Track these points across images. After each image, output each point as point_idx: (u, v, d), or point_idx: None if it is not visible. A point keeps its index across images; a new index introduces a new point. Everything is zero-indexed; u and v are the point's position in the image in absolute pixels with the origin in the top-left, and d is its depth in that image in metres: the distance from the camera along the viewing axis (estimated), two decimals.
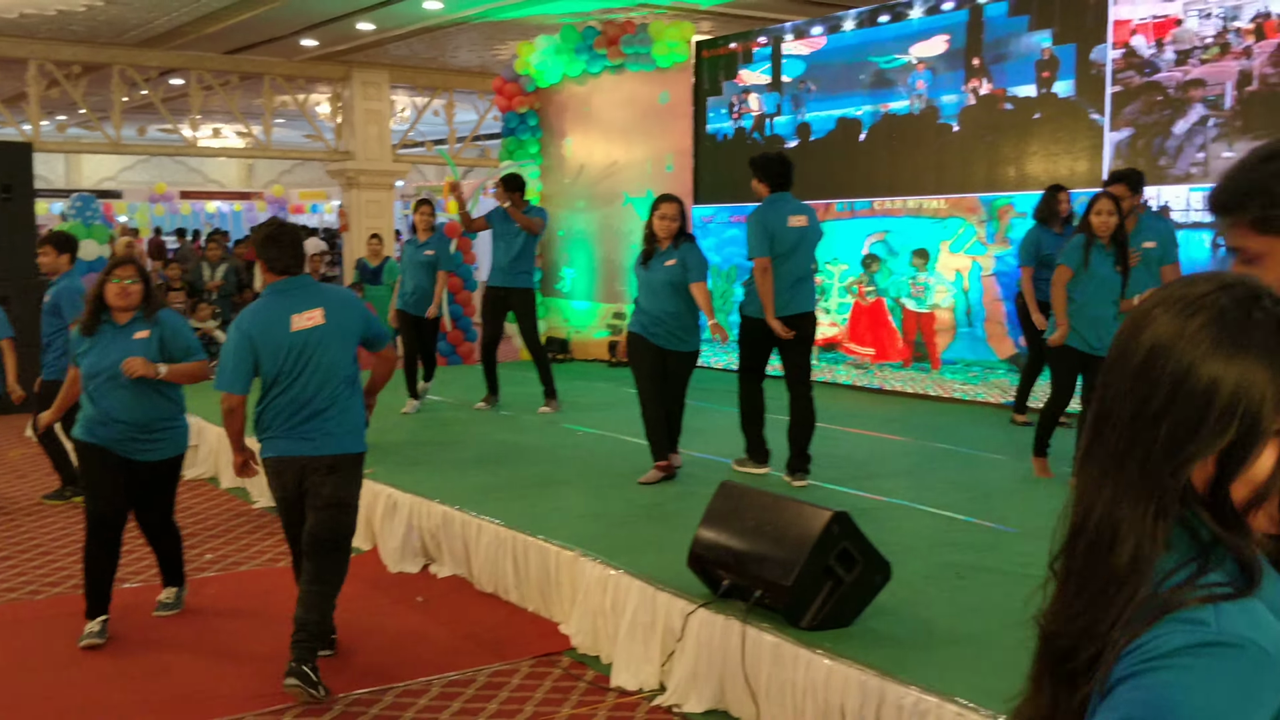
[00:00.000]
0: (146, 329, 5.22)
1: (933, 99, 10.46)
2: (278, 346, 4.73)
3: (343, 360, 4.82)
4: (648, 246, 6.95)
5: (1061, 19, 9.41)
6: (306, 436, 4.76)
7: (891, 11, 10.88)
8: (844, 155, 11.28)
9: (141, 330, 5.22)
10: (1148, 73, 8.80)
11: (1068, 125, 9.39)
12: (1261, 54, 8.15)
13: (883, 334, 10.93)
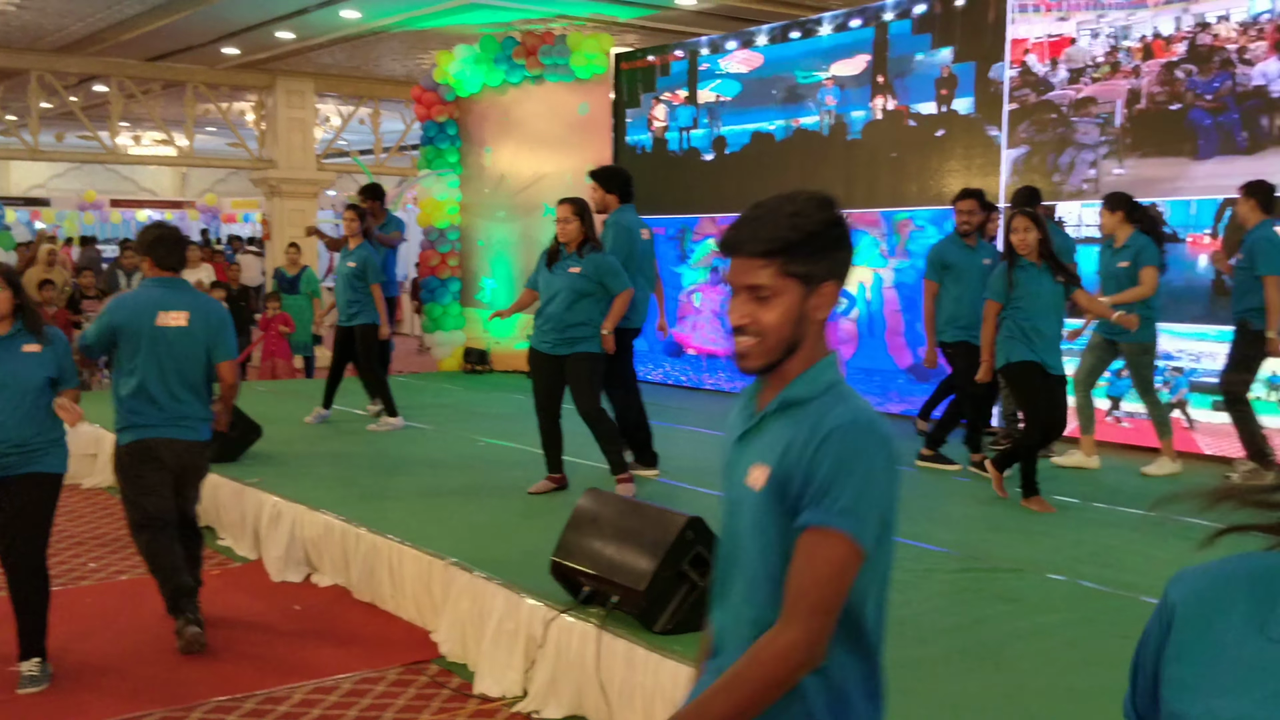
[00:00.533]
0: (37, 344, 4.87)
1: (841, 115, 10.60)
2: (138, 334, 5.08)
3: (192, 363, 5.17)
4: (554, 247, 6.82)
5: (962, 38, 9.57)
6: (170, 423, 5.17)
7: (803, 28, 11.01)
8: (757, 169, 11.39)
9: (31, 344, 4.87)
10: (1042, 91, 8.98)
11: (967, 142, 9.55)
12: (1150, 73, 8.35)
13: None
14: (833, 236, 1.92)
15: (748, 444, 1.97)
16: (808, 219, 1.89)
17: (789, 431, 1.89)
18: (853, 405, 1.90)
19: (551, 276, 6.71)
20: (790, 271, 1.89)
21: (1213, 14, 7.99)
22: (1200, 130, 8.06)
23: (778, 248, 1.88)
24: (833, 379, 1.94)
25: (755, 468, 1.93)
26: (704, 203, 11.90)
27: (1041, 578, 5.14)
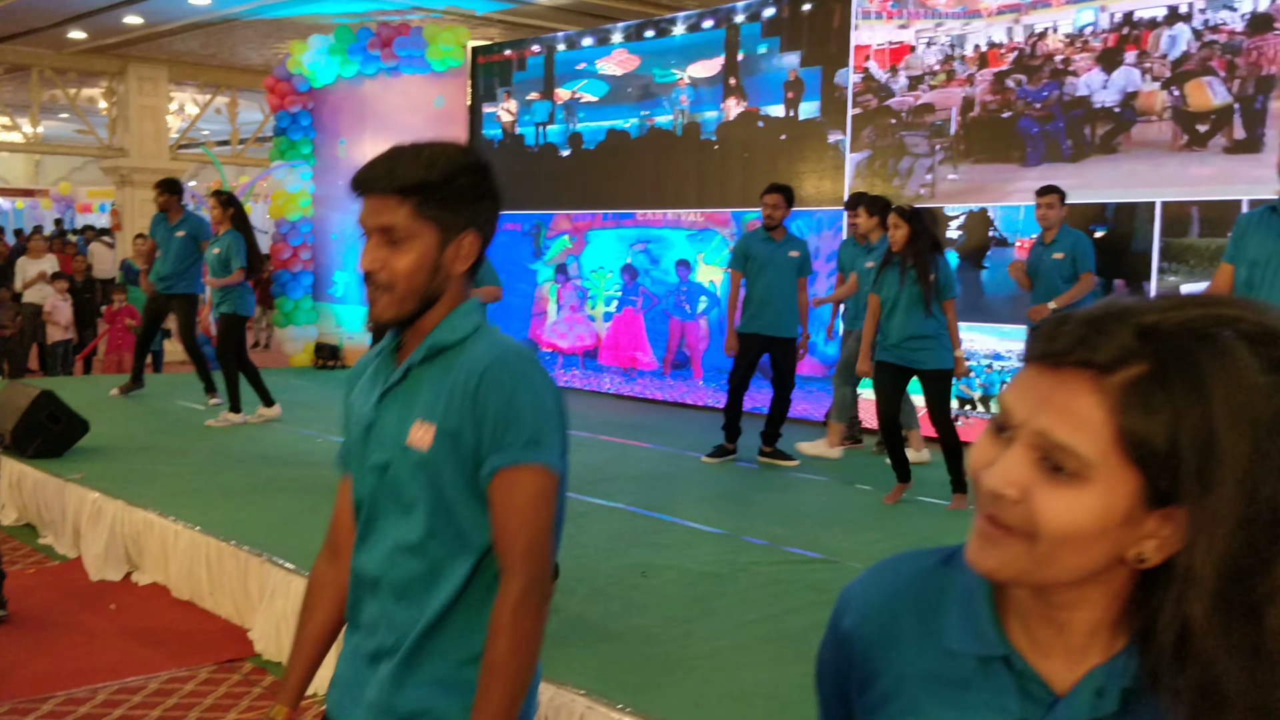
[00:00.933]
0: None
1: (695, 115, 10.70)
2: None
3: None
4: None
5: (809, 42, 9.75)
6: None
7: (657, 27, 11.09)
8: (613, 166, 11.44)
9: None
10: (884, 97, 9.19)
11: (813, 145, 9.73)
12: (983, 82, 8.61)
13: (642, 342, 11.11)
14: (474, 185, 1.84)
15: (395, 402, 1.87)
16: (449, 161, 1.80)
17: (444, 381, 1.82)
18: (500, 341, 1.85)
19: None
20: (426, 214, 1.79)
21: (1042, 25, 8.27)
22: (1029, 138, 8.35)
23: (412, 185, 1.78)
24: (477, 321, 1.87)
25: (418, 426, 1.83)
26: (559, 199, 11.91)
27: (854, 569, 5.26)
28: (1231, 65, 7.38)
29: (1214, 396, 0.90)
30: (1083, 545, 0.95)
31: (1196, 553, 0.91)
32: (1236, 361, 0.91)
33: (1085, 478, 0.93)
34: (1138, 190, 7.77)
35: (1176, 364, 0.91)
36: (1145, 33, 7.75)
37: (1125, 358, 0.92)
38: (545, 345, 12.04)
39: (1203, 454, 0.90)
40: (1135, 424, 0.91)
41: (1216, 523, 0.90)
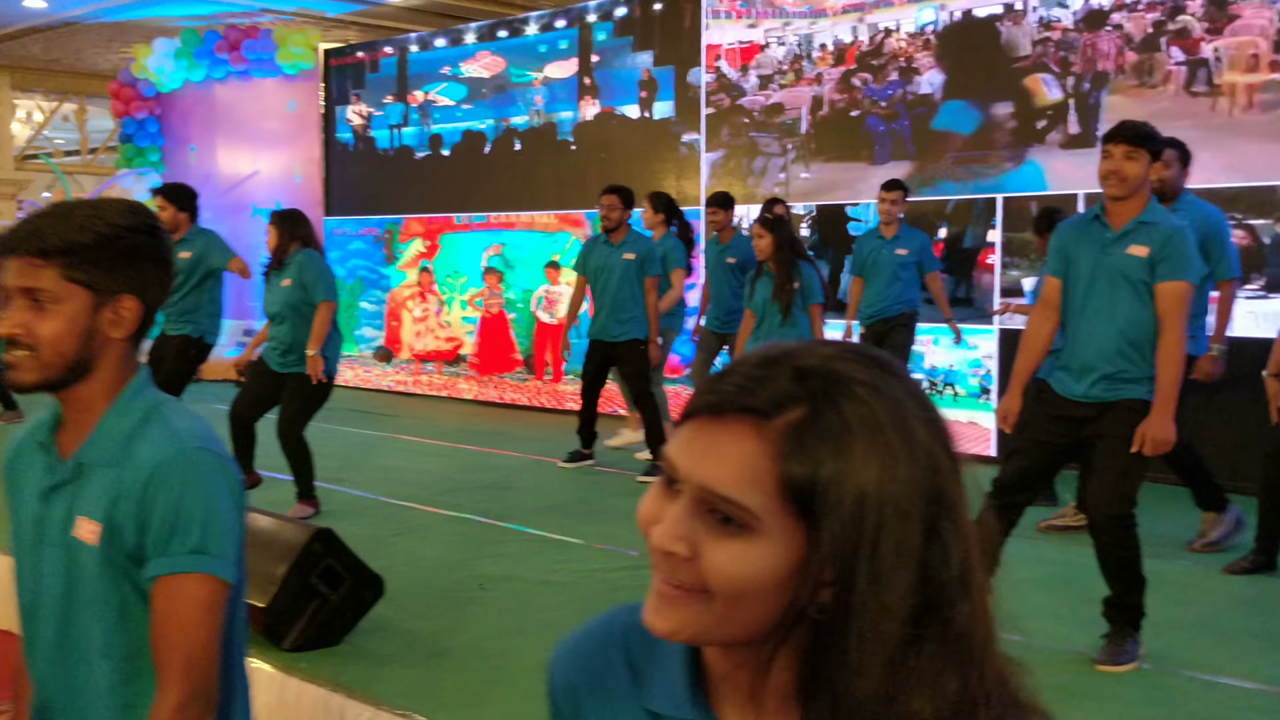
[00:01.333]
0: None
1: (551, 115, 10.58)
2: None
3: None
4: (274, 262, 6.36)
5: (660, 42, 9.70)
6: None
7: (510, 28, 10.95)
8: (469, 169, 11.26)
9: None
10: (736, 96, 9.18)
11: (669, 144, 9.69)
12: (831, 81, 8.65)
13: (504, 346, 10.96)
14: (136, 245, 1.71)
15: (61, 496, 1.73)
16: (103, 222, 1.68)
17: (111, 477, 1.70)
18: (175, 431, 1.72)
19: (268, 292, 6.26)
20: (74, 277, 1.66)
21: (885, 24, 8.34)
22: (876, 136, 8.41)
23: (59, 247, 1.65)
24: (147, 404, 1.75)
25: (83, 522, 1.70)
26: (415, 202, 11.69)
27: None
28: (1065, 61, 7.51)
29: (857, 440, 0.87)
30: (759, 599, 0.89)
31: (854, 599, 0.86)
32: (879, 405, 0.88)
33: (754, 529, 0.88)
34: (978, 186, 7.88)
35: (830, 406, 0.88)
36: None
37: (784, 401, 0.88)
38: (402, 352, 11.80)
39: (853, 498, 0.86)
40: (795, 469, 0.87)
41: (869, 567, 0.86)
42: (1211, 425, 7.05)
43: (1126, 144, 3.95)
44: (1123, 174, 3.95)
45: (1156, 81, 7.15)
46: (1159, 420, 3.90)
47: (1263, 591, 4.96)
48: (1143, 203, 4.02)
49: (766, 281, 6.60)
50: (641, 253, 7.36)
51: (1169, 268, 3.94)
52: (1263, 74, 6.78)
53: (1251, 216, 6.82)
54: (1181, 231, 3.98)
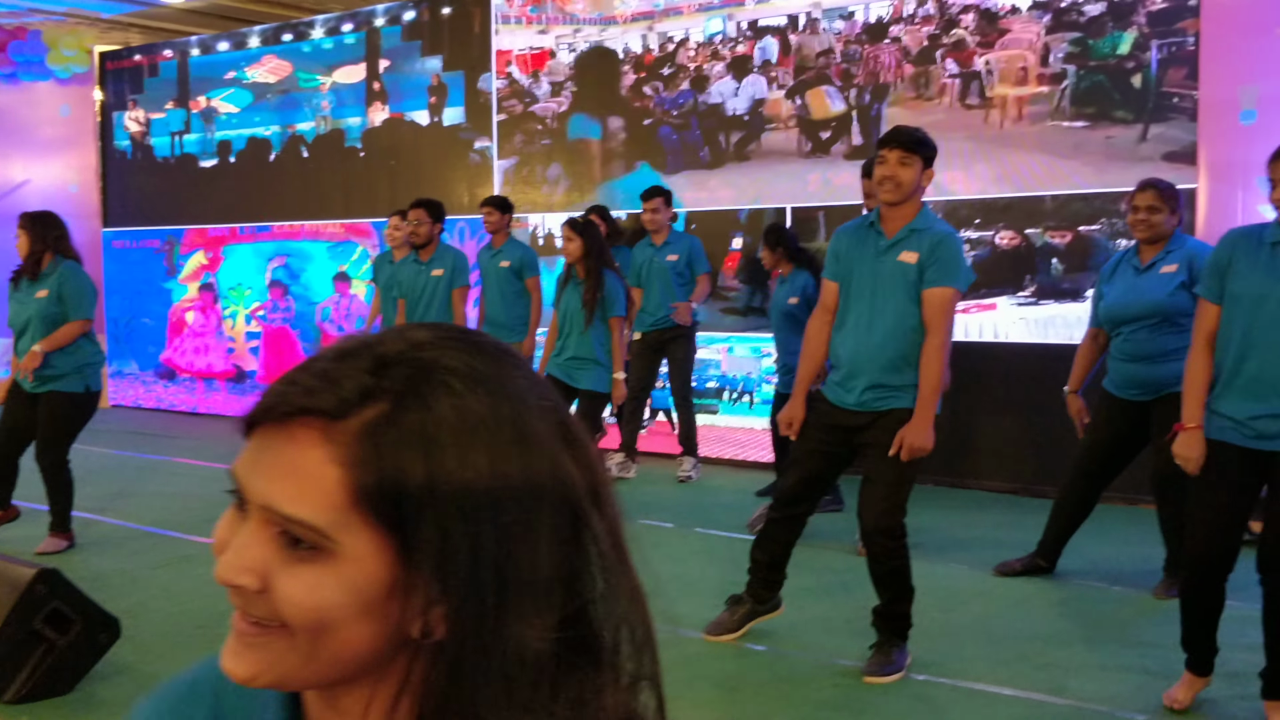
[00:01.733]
0: None
1: (338, 121, 10.23)
2: None
3: None
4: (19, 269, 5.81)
5: (450, 46, 9.48)
6: None
7: (295, 31, 10.55)
8: (255, 177, 10.80)
9: None
10: (529, 103, 9.03)
11: (461, 151, 9.46)
12: (623, 89, 8.57)
13: (290, 361, 10.55)
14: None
15: None
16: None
17: None
18: None
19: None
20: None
21: (675, 33, 8.31)
22: (668, 145, 8.36)
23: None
24: None
25: None
26: (199, 213, 11.16)
27: None
28: (848, 74, 7.61)
29: (453, 438, 0.73)
30: (347, 631, 0.75)
31: (469, 622, 0.73)
32: (481, 397, 0.75)
33: (328, 550, 0.73)
34: (769, 196, 7.91)
35: (416, 401, 0.73)
36: (751, 42, 7.92)
37: (358, 399, 0.73)
38: (187, 371, 11.24)
39: (452, 506, 0.72)
40: (373, 477, 0.72)
41: (482, 583, 0.73)
42: (982, 427, 7.23)
43: (900, 149, 3.94)
44: (897, 179, 3.93)
45: (933, 94, 7.29)
46: (918, 426, 3.89)
47: (1036, 594, 5.05)
48: (915, 209, 4.01)
49: (574, 288, 6.39)
50: (450, 266, 7.15)
51: (936, 273, 3.92)
52: (1031, 87, 6.98)
53: (1022, 226, 7.01)
54: (950, 238, 3.98)
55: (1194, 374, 3.57)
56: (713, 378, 8.13)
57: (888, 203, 3.99)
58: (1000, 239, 7.07)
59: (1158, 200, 4.81)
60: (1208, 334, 3.55)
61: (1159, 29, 6.59)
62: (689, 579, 5.16)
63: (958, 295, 3.99)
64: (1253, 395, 3.41)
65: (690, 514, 6.53)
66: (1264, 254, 3.44)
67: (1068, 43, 6.86)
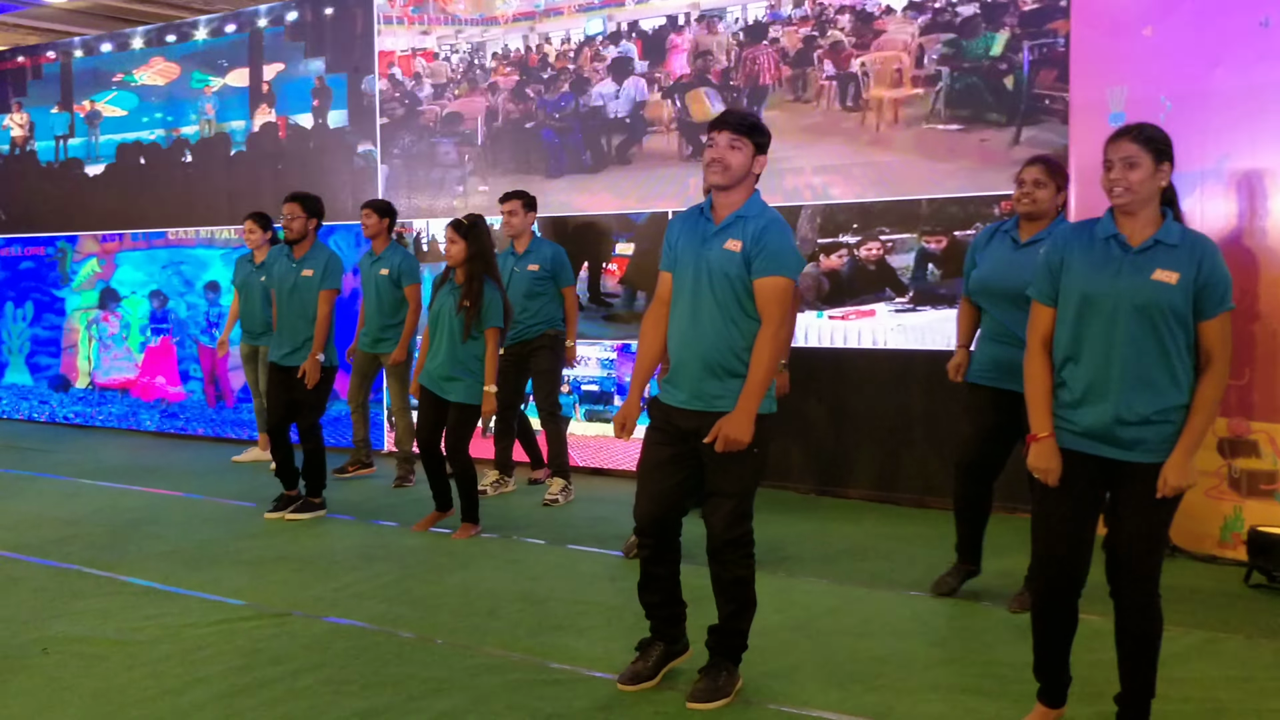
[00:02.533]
0: None
1: (223, 125, 9.94)
2: None
3: None
4: None
5: (333, 47, 9.23)
6: None
7: (178, 32, 10.25)
8: (139, 182, 10.48)
9: None
10: (410, 105, 8.79)
11: (345, 155, 9.21)
12: (505, 91, 8.36)
13: (173, 371, 10.23)
14: None
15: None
16: None
17: None
18: None
19: None
20: None
21: (557, 34, 8.12)
22: (550, 149, 8.17)
23: None
24: None
25: None
26: (85, 219, 10.81)
27: (308, 623, 4.76)
28: (726, 75, 7.45)
29: None
30: None
31: None
32: None
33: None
34: (651, 200, 7.74)
35: None
36: (638, 42, 7.75)
37: None
38: (80, 381, 10.89)
39: None
40: None
41: None
42: (854, 434, 7.10)
43: (729, 131, 3.75)
44: (725, 162, 3.73)
45: (810, 96, 7.15)
46: (737, 418, 3.65)
47: (892, 609, 4.89)
48: (745, 195, 3.81)
49: (450, 292, 6.10)
50: (320, 268, 6.69)
51: (764, 263, 3.70)
52: (906, 89, 6.85)
53: (898, 231, 6.88)
54: (776, 224, 3.75)
55: (1033, 380, 3.40)
56: (605, 384, 7.94)
57: (716, 186, 3.79)
58: (872, 246, 6.94)
59: (1044, 175, 4.69)
60: (1043, 337, 3.39)
61: (1030, 30, 6.49)
62: (581, 606, 4.98)
63: (791, 284, 3.72)
64: (1091, 399, 3.27)
65: (565, 531, 6.35)
66: (1097, 250, 3.30)
67: (942, 44, 6.74)
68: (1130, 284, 3.20)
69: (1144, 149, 3.21)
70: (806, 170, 7.13)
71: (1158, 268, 3.20)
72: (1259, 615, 4.84)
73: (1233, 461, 5.66)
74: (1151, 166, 3.22)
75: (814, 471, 7.26)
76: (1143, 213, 3.26)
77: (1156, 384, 3.21)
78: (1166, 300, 3.17)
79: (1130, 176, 3.22)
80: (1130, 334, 3.20)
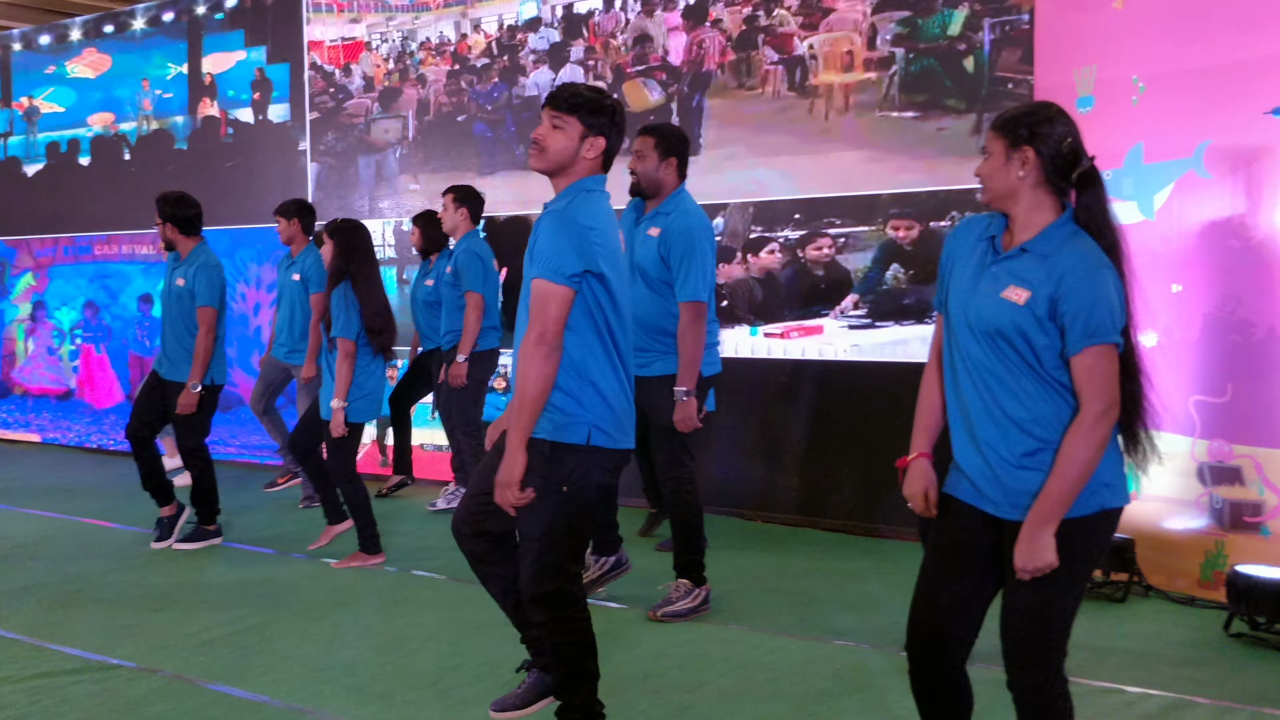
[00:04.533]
0: None
1: (162, 120, 9.38)
2: None
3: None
4: None
5: (273, 36, 8.65)
6: None
7: (116, 22, 9.71)
8: (79, 183, 9.95)
9: None
10: (342, 98, 8.21)
11: (282, 151, 8.62)
12: (436, 82, 7.77)
13: (108, 383, 9.71)
14: None
15: None
16: None
17: None
18: None
19: None
20: None
21: (489, 20, 7.51)
22: (483, 143, 7.56)
23: None
24: None
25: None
26: (23, 224, 10.29)
27: (143, 679, 4.16)
28: (666, 63, 6.82)
29: None
30: None
31: None
32: None
33: None
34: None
35: None
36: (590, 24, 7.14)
37: None
38: (17, 388, 10.38)
39: None
40: None
41: None
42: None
43: (550, 109, 3.15)
44: (542, 143, 3.14)
45: (755, 83, 6.51)
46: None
47: (695, 638, 4.25)
48: (567, 182, 3.19)
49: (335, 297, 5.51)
50: (194, 278, 6.07)
51: (537, 266, 3.08)
52: (858, 73, 6.20)
53: (851, 225, 6.22)
54: (558, 215, 3.10)
55: (921, 397, 2.81)
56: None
57: (535, 169, 3.23)
58: (821, 244, 6.28)
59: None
60: (937, 349, 2.78)
61: (991, 6, 5.83)
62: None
63: (553, 288, 3.04)
64: (965, 435, 2.64)
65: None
66: (978, 252, 2.66)
67: (895, 23, 6.09)
68: (981, 300, 2.58)
69: (997, 135, 2.59)
70: (747, 163, 6.49)
71: (1011, 283, 2.55)
72: (1236, 674, 4.16)
73: (1214, 490, 4.99)
74: (1003, 154, 2.58)
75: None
76: (1018, 210, 2.60)
77: (1021, 423, 2.56)
78: (1010, 323, 2.53)
79: (982, 167, 2.63)
80: (981, 360, 2.59)
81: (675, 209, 4.62)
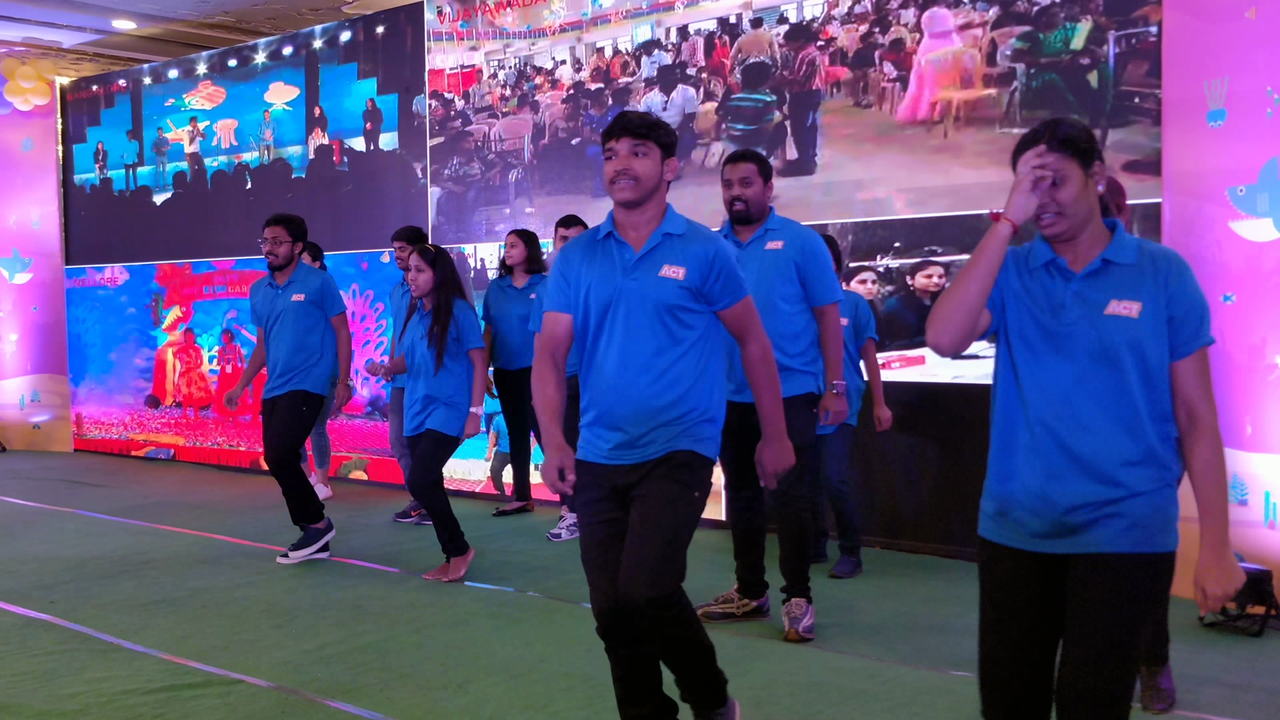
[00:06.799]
0: None
1: (280, 150, 9.64)
2: None
3: None
4: None
5: (384, 67, 8.83)
6: None
7: (239, 55, 10.01)
8: (204, 211, 10.27)
9: None
10: (461, 125, 8.33)
11: (396, 178, 8.79)
12: (552, 106, 7.84)
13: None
14: None
15: None
16: None
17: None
18: None
19: None
20: None
21: (603, 43, 7.56)
22: (597, 165, 7.61)
23: None
24: None
25: None
26: (156, 249, 10.65)
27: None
28: (781, 81, 6.77)
29: None
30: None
31: None
32: None
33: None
34: (699, 218, 7.08)
35: None
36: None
37: None
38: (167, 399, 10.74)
39: None
40: None
41: None
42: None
43: (630, 137, 3.08)
44: (634, 173, 3.09)
45: (871, 100, 6.43)
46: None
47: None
48: (654, 208, 3.14)
49: (420, 322, 5.78)
50: (310, 294, 6.22)
51: (720, 290, 3.16)
52: (977, 89, 6.08)
53: (954, 252, 6.09)
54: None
55: None
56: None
57: (625, 203, 3.12)
58: (932, 273, 6.16)
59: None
60: None
61: (1116, 18, 5.67)
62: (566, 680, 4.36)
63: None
64: (1042, 472, 2.46)
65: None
66: (1037, 281, 2.49)
67: (1016, 38, 5.96)
68: (1075, 322, 2.40)
69: (1065, 156, 2.40)
70: (867, 182, 6.40)
71: (1113, 298, 2.39)
72: (1197, 662, 3.94)
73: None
74: (1081, 176, 2.42)
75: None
76: (1088, 229, 2.46)
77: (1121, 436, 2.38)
78: (1124, 340, 2.36)
79: (1059, 196, 2.41)
80: (1078, 383, 2.41)
81: (780, 224, 4.73)
